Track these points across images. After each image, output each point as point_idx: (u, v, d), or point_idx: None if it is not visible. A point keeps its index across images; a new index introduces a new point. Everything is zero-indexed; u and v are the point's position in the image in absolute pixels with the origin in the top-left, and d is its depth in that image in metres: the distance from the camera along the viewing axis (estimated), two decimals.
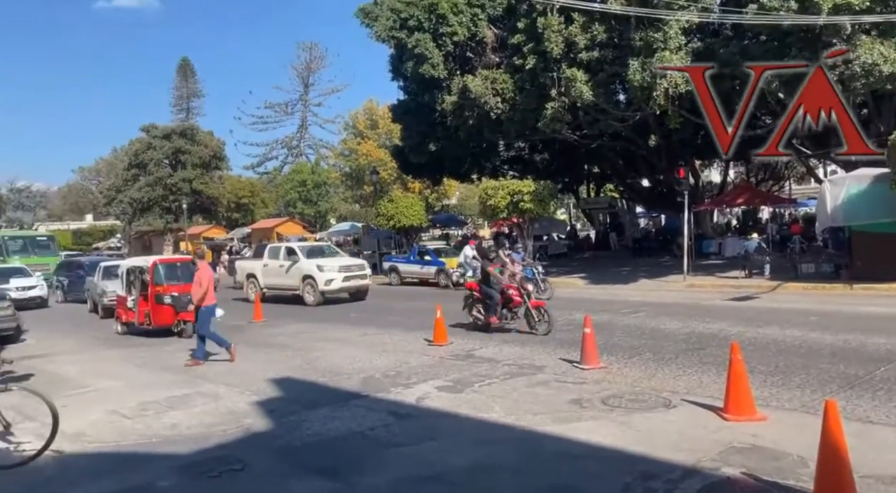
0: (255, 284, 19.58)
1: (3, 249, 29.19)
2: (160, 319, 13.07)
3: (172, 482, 5.22)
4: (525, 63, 20.03)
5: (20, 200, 69.02)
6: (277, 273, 18.94)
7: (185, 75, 67.53)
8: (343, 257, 20.51)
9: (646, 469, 4.96)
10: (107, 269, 18.80)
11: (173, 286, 13.15)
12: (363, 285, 18.68)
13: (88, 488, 5.17)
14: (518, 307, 11.56)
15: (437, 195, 51.87)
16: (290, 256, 18.93)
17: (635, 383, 7.66)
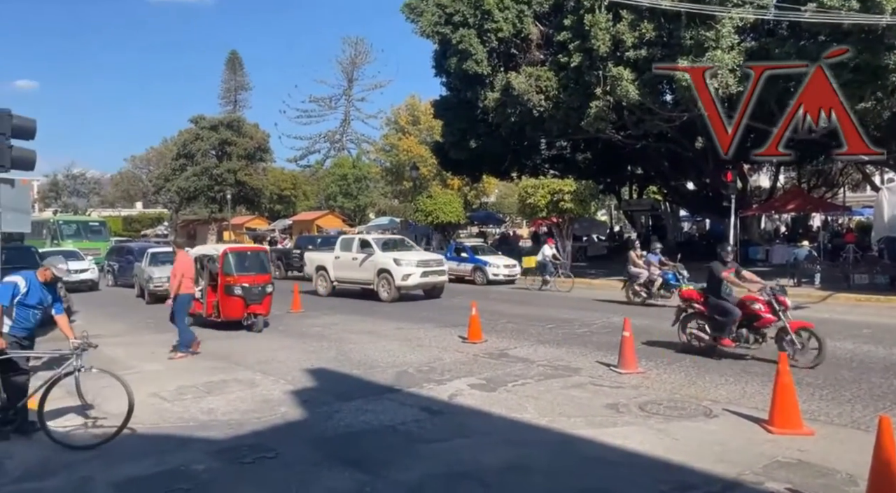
0: (326, 277, 18.69)
1: (57, 232, 30.14)
2: (229, 311, 12.34)
3: (208, 465, 5.30)
4: (570, 61, 19.75)
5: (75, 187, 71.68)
6: (350, 266, 18.00)
7: (233, 68, 69.00)
8: (420, 251, 19.57)
9: (683, 479, 4.80)
10: (154, 255, 19.05)
11: (244, 277, 12.43)
12: (440, 281, 17.79)
13: (129, 467, 5.28)
14: (766, 327, 8.80)
15: (476, 193, 51.73)
16: (364, 248, 17.87)
17: (674, 390, 7.45)
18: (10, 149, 7.36)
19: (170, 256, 19.42)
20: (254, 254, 13.66)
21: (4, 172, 7.40)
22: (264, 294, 12.46)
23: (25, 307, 5.84)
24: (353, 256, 18.02)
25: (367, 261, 17.45)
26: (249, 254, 13.62)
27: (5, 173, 7.44)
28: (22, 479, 5.07)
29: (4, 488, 4.91)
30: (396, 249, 18.15)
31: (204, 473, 5.14)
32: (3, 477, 5.09)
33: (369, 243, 18.02)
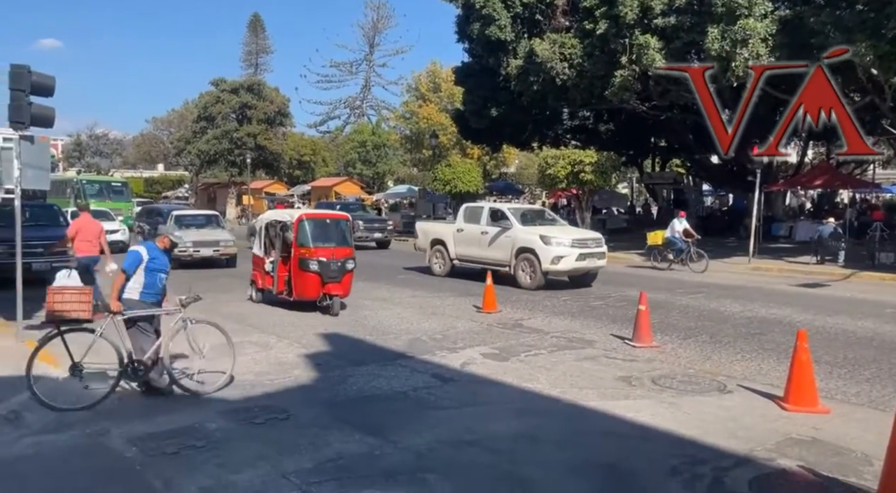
0: (443, 253, 15.58)
1: (81, 192, 30.39)
2: (303, 289, 10.38)
3: (220, 425, 5.38)
4: (596, 28, 19.22)
5: (98, 147, 72.40)
6: (477, 242, 14.72)
7: (255, 31, 68.45)
8: (570, 227, 16.31)
9: (695, 454, 4.76)
10: (179, 217, 18.44)
11: (322, 249, 10.39)
12: (599, 266, 14.16)
13: (146, 423, 5.38)
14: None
15: (496, 163, 51.25)
16: (499, 220, 14.52)
17: (689, 365, 7.38)
18: (30, 106, 7.36)
19: (198, 218, 19.01)
20: (334, 222, 11.50)
21: (24, 129, 7.41)
22: (344, 271, 10.44)
23: (153, 272, 6.22)
24: (481, 229, 14.64)
25: (503, 237, 14.09)
26: (329, 222, 11.50)
27: (25, 130, 7.45)
28: (41, 431, 5.19)
29: (24, 438, 5.03)
30: (537, 222, 14.92)
31: (216, 431, 5.22)
32: (24, 429, 5.22)
33: (504, 215, 14.58)
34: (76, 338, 5.92)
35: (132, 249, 6.39)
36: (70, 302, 5.73)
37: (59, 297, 5.75)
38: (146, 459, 4.65)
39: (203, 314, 10.22)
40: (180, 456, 4.70)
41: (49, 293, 5.74)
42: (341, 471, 4.46)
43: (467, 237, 15.10)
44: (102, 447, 4.93)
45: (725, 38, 16.08)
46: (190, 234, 16.64)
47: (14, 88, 7.19)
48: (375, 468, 4.53)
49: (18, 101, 7.24)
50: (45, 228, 14.07)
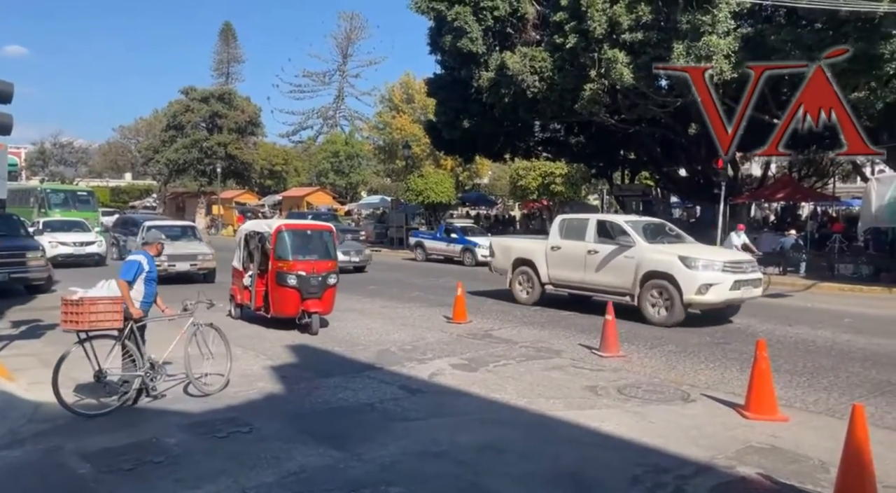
0: (531, 277, 12.69)
1: (45, 201, 29.29)
2: (280, 306, 9.70)
3: (180, 439, 5.25)
4: (566, 42, 19.51)
5: (63, 155, 70.85)
6: (581, 263, 11.73)
7: (226, 40, 67.80)
8: (708, 246, 13.41)
9: (657, 462, 4.81)
10: (151, 229, 16.84)
11: (301, 262, 9.70)
12: (755, 296, 11.28)
13: (102, 438, 5.22)
14: None
15: (469, 174, 51.48)
16: (614, 237, 11.51)
17: (654, 374, 7.47)
18: None
19: (173, 230, 17.47)
20: (316, 233, 10.73)
21: None
22: (325, 286, 9.76)
23: (151, 282, 6.36)
24: (587, 247, 11.72)
25: (621, 258, 11.16)
26: (310, 233, 10.79)
27: None
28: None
29: None
30: (663, 238, 11.85)
31: (176, 446, 5.10)
32: None
33: (622, 229, 11.44)
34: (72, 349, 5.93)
35: (131, 258, 6.41)
36: (104, 312, 5.82)
37: (94, 307, 5.78)
38: (100, 475, 4.52)
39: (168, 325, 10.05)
40: (136, 472, 4.58)
41: (84, 303, 5.75)
42: (303, 485, 4.39)
43: (566, 257, 12.07)
44: (55, 463, 4.77)
45: (690, 54, 16.48)
46: (168, 246, 15.97)
47: None
48: (339, 481, 4.47)
49: None
50: (3, 239, 13.62)
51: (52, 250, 18.01)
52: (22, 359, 7.76)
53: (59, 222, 21.11)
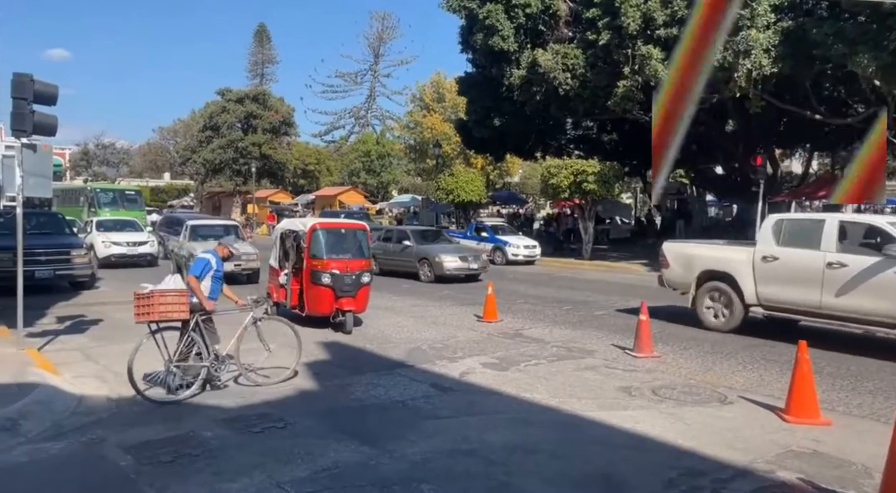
0: (730, 296, 9.85)
1: (95, 201, 29.20)
2: (315, 304, 9.75)
3: (216, 433, 5.36)
4: (599, 38, 19.29)
5: (105, 156, 72.89)
6: (814, 280, 8.76)
7: (261, 41, 69.01)
8: None
9: (692, 466, 4.72)
10: (194, 228, 16.44)
11: (335, 261, 9.77)
12: None
13: (142, 430, 5.36)
14: None
15: (500, 172, 51.35)
16: (872, 246, 8.61)
17: (690, 376, 7.33)
18: (32, 114, 7.41)
19: (215, 229, 16.76)
20: (350, 232, 10.81)
21: (26, 137, 7.46)
22: (359, 285, 9.82)
23: (218, 280, 6.72)
24: (827, 259, 8.67)
25: (890, 274, 8.06)
26: (344, 232, 10.82)
27: (27, 139, 7.50)
28: (37, 439, 5.18)
29: (20, 447, 5.01)
30: None
31: (212, 440, 5.20)
32: (20, 437, 5.20)
33: (887, 234, 8.27)
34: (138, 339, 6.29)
35: (202, 256, 6.76)
36: (172, 304, 6.15)
37: (163, 299, 6.13)
38: (141, 467, 4.63)
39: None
40: (175, 465, 4.68)
41: (152, 296, 6.10)
42: (335, 480, 4.44)
43: (789, 271, 9.13)
44: (97, 455, 4.91)
45: (728, 50, 16.12)
46: (207, 246, 15.21)
47: (16, 96, 7.24)
48: (370, 477, 4.50)
49: (21, 109, 7.29)
50: (49, 237, 14.10)
51: (105, 250, 18.08)
52: (66, 353, 8.02)
53: (112, 222, 20.71)
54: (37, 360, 7.32)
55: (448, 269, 16.09)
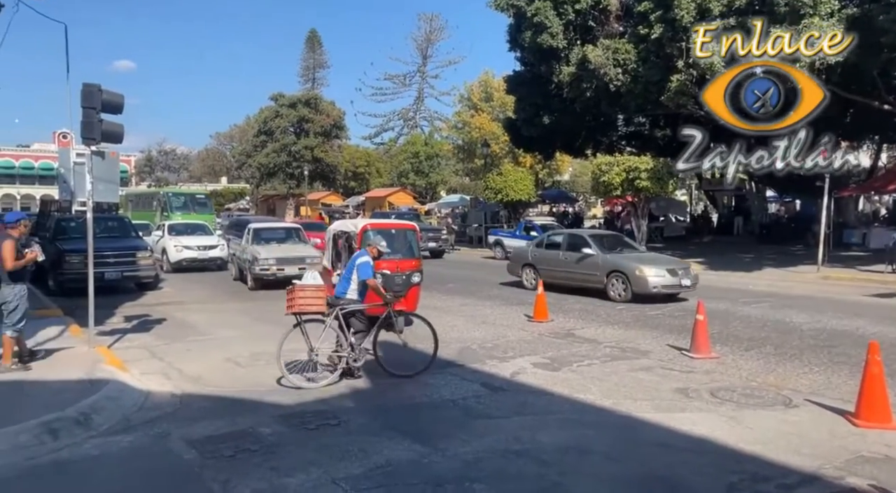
0: None
1: (167, 205, 29.97)
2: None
3: (274, 429, 5.50)
4: (651, 32, 18.83)
5: (167, 162, 76.00)
6: None
7: (312, 46, 70.33)
8: None
9: (756, 470, 4.55)
10: (257, 232, 15.88)
11: (385, 261, 9.61)
12: None
13: (204, 426, 5.56)
14: None
15: (549, 171, 50.80)
16: None
17: (751, 377, 7.07)
18: (101, 123, 7.79)
19: (277, 232, 16.51)
20: (400, 232, 10.70)
21: (95, 144, 7.84)
22: (409, 285, 9.83)
23: None
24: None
25: None
26: (394, 232, 10.64)
27: (96, 146, 7.88)
28: (108, 433, 5.44)
29: (92, 440, 5.27)
30: None
31: (271, 436, 5.34)
32: (92, 430, 5.47)
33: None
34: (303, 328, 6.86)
35: (365, 260, 7.18)
36: (310, 298, 6.75)
37: (302, 293, 6.75)
38: (204, 461, 4.80)
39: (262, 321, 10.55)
40: (236, 459, 4.83)
41: (294, 290, 6.76)
42: (389, 478, 4.49)
43: None
44: (164, 449, 5.12)
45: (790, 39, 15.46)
46: (271, 250, 14.87)
47: (86, 105, 7.62)
48: (423, 475, 4.53)
49: (90, 118, 7.67)
50: (117, 240, 14.78)
51: (177, 255, 18.21)
52: (133, 351, 8.39)
53: (183, 226, 20.80)
54: (107, 357, 7.69)
55: (654, 285, 12.36)
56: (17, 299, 6.86)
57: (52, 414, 5.44)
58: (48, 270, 13.19)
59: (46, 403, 5.77)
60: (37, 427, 5.21)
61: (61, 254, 13.36)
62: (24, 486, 4.42)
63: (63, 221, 15.17)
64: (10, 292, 6.85)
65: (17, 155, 71.83)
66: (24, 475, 4.59)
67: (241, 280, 15.71)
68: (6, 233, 7.03)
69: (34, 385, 6.38)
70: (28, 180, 70.94)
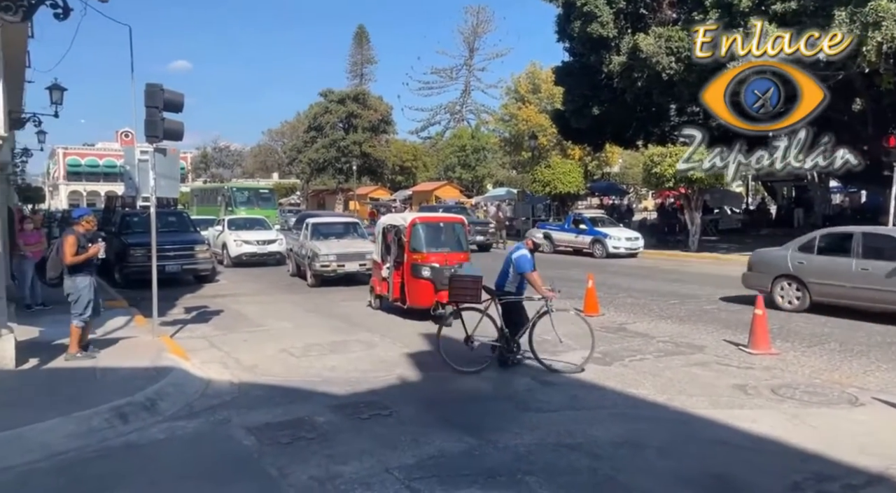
0: None
1: (232, 200, 30.18)
2: (415, 296, 9.90)
3: (328, 418, 5.63)
4: (706, 18, 18.24)
5: (221, 158, 78.45)
6: None
7: (360, 43, 71.08)
8: None
9: (820, 470, 4.40)
10: (316, 226, 15.41)
11: (434, 254, 9.93)
12: None
13: (262, 413, 5.75)
14: None
15: (598, 163, 49.93)
16: None
17: (814, 374, 6.81)
18: (163, 121, 8.10)
19: (335, 227, 16.02)
20: (448, 226, 10.80)
21: (158, 142, 8.16)
22: None
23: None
24: None
25: None
26: (443, 226, 10.79)
27: (158, 143, 8.20)
28: (173, 418, 5.68)
29: (158, 424, 5.52)
30: None
31: (325, 424, 5.47)
32: (158, 415, 5.72)
33: None
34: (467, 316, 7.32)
35: (522, 253, 7.25)
36: (465, 288, 7.27)
37: (460, 283, 7.29)
38: (263, 448, 4.96)
39: (314, 313, 10.78)
40: (293, 446, 4.97)
41: (453, 280, 7.38)
42: (442, 469, 4.53)
43: None
44: (225, 435, 5.31)
45: (854, 22, 14.74)
46: (331, 245, 14.42)
47: (149, 105, 7.94)
48: (475, 467, 4.56)
49: (153, 116, 7.99)
50: (176, 234, 15.33)
51: (237, 249, 18.32)
52: (194, 341, 8.72)
53: (243, 220, 21.08)
54: (170, 346, 8.02)
55: None
56: (78, 291, 7.17)
57: (122, 399, 5.72)
58: (114, 263, 13.83)
59: (116, 389, 6.07)
60: (108, 411, 5.49)
61: (126, 247, 13.98)
62: (101, 466, 4.67)
63: (127, 216, 15.84)
64: (71, 285, 7.16)
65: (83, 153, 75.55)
66: (99, 456, 4.85)
67: (299, 276, 15.55)
68: (71, 228, 7.39)
69: (104, 372, 6.71)
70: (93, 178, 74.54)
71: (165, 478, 4.55)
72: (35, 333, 8.45)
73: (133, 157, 8.71)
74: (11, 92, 10.70)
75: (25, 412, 5.35)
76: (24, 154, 31.30)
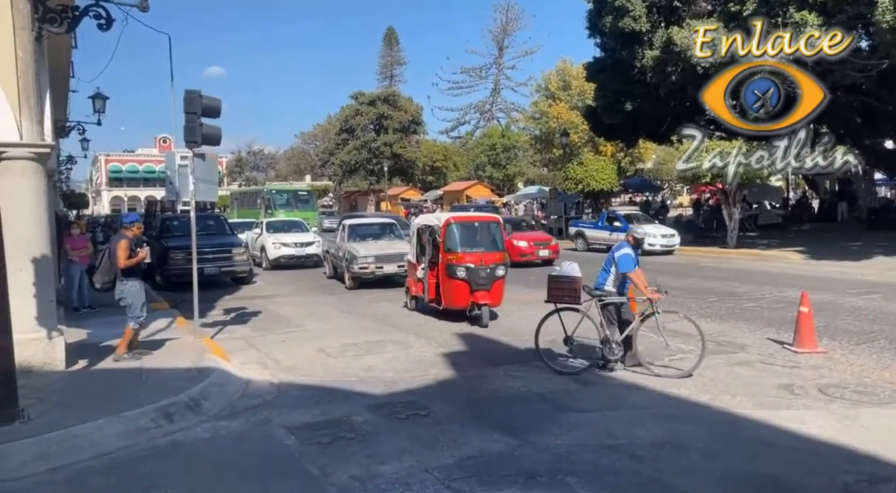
0: None
1: (271, 202, 30.12)
2: (450, 297, 9.81)
3: (367, 418, 5.67)
4: (743, 9, 17.78)
5: (255, 162, 79.93)
6: None
7: (390, 44, 71.56)
8: None
9: (873, 471, 4.25)
10: (354, 228, 15.30)
11: (469, 254, 9.77)
12: None
13: (302, 413, 5.82)
14: None
15: (631, 159, 49.20)
16: None
17: (864, 373, 6.60)
18: (201, 126, 8.28)
19: (372, 228, 15.96)
20: (483, 225, 10.67)
21: (196, 147, 8.35)
22: (494, 278, 9.77)
23: None
24: None
25: None
26: (478, 225, 10.67)
27: (197, 148, 8.38)
28: (216, 418, 5.79)
29: (202, 424, 5.63)
30: None
31: (364, 424, 5.51)
32: (202, 415, 5.84)
33: None
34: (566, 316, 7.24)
35: (625, 252, 7.01)
36: (564, 288, 7.10)
37: (557, 284, 7.17)
38: (303, 447, 5.03)
39: (350, 314, 10.88)
40: (333, 446, 5.02)
41: (551, 280, 7.21)
42: (481, 469, 4.52)
43: None
44: (266, 434, 5.39)
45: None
46: (369, 247, 14.31)
47: (188, 110, 8.13)
48: (515, 467, 4.53)
49: (192, 122, 8.17)
50: (214, 237, 15.64)
51: (275, 252, 18.30)
52: (233, 342, 8.89)
53: (281, 223, 21.09)
54: (211, 347, 8.19)
55: None
56: (132, 295, 7.40)
57: (167, 400, 5.86)
58: (155, 266, 14.19)
59: (161, 389, 6.22)
60: (154, 411, 5.63)
61: (166, 251, 14.33)
62: (149, 465, 4.78)
63: (167, 220, 16.22)
64: (123, 289, 7.39)
65: (123, 160, 77.80)
66: (147, 455, 4.97)
67: (336, 278, 15.41)
68: (122, 233, 7.61)
69: (150, 373, 6.89)
70: (134, 183, 76.70)
71: (211, 476, 4.64)
72: (83, 335, 8.71)
73: (174, 162, 8.94)
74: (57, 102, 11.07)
75: (76, 411, 5.52)
76: (68, 161, 32.36)
